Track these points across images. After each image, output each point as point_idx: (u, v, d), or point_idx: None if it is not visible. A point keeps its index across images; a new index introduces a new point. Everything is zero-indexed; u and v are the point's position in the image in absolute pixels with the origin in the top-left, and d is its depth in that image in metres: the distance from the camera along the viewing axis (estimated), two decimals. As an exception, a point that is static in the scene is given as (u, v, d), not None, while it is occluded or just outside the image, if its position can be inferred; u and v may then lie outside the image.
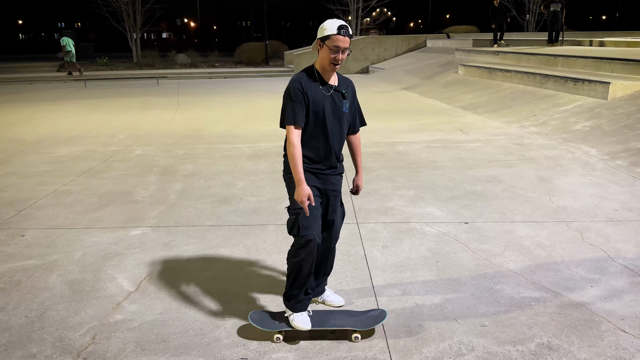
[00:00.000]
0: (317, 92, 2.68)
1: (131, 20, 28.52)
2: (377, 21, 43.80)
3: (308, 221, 2.64)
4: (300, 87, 2.64)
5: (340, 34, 2.58)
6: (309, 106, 2.66)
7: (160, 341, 2.73)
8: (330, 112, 2.71)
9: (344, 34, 2.59)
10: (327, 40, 2.60)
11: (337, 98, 2.73)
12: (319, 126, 2.71)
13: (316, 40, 2.67)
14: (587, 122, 7.88)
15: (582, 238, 3.99)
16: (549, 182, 5.43)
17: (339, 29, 2.58)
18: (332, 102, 2.72)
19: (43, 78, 20.82)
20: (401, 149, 7.21)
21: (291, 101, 2.64)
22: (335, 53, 2.60)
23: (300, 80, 2.66)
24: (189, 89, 16.59)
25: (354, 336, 2.72)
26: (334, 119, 2.73)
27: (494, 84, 12.21)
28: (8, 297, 3.21)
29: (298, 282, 2.74)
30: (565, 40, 15.99)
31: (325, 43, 2.61)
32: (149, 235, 4.20)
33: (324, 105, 2.69)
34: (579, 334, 2.72)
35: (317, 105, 2.67)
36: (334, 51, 2.60)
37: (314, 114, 2.68)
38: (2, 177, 6.05)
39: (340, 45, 2.59)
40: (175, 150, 7.38)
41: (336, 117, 2.74)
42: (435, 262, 3.62)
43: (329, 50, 2.60)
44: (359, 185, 3.01)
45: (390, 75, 18.85)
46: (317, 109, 2.67)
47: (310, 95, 2.65)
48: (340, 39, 2.59)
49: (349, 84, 2.83)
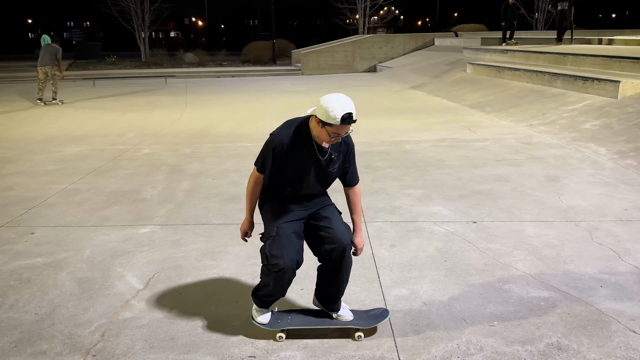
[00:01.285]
0: (302, 154, 2.50)
1: (139, 19, 28.64)
2: (385, 19, 43.71)
3: (280, 250, 2.49)
4: (282, 149, 2.46)
5: (344, 123, 2.33)
6: (288, 162, 2.49)
7: (168, 339, 2.74)
8: (313, 172, 2.55)
9: (347, 123, 2.33)
10: (328, 125, 2.36)
11: (327, 161, 2.55)
12: (298, 182, 2.55)
13: (314, 116, 2.42)
14: (597, 121, 7.82)
15: (591, 238, 3.97)
16: (557, 182, 5.40)
17: (342, 121, 2.31)
18: (319, 163, 2.54)
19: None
20: (408, 147, 7.19)
21: (266, 152, 2.50)
22: (334, 137, 2.40)
23: (285, 141, 2.46)
24: (196, 87, 16.64)
25: (357, 335, 2.71)
26: (316, 178, 2.57)
27: (502, 83, 12.15)
28: (18, 295, 3.23)
29: (261, 293, 2.69)
30: (574, 38, 15.87)
31: (326, 127, 2.37)
32: (157, 234, 4.22)
33: (308, 165, 2.52)
34: (588, 334, 2.70)
35: (299, 166, 2.51)
36: (333, 136, 2.39)
37: (292, 172, 2.52)
38: (12, 175, 6.10)
39: (342, 133, 2.38)
40: (183, 149, 7.41)
41: (320, 175, 2.57)
42: (443, 261, 3.61)
43: (327, 133, 2.38)
44: (357, 245, 2.71)
45: (398, 73, 18.81)
46: (298, 170, 2.52)
47: (292, 157, 2.48)
48: (342, 128, 2.36)
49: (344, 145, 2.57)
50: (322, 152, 2.52)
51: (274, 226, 2.56)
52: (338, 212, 2.72)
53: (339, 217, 2.69)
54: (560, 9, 14.93)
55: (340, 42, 24.03)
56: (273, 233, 2.54)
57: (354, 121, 2.36)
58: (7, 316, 2.98)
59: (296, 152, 2.49)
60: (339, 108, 2.32)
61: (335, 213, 2.70)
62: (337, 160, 2.58)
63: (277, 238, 2.53)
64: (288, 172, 2.54)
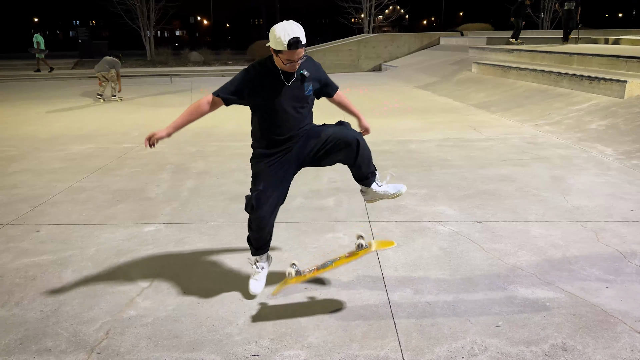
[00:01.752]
0: (274, 83, 2.69)
1: (145, 18, 28.70)
2: (390, 19, 43.64)
3: (261, 200, 2.82)
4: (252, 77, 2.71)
5: (292, 48, 2.53)
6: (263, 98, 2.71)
7: (173, 337, 2.75)
8: (289, 98, 2.74)
9: (295, 48, 2.53)
10: (279, 53, 2.58)
11: (297, 84, 2.74)
12: (278, 113, 2.75)
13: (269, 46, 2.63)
14: (603, 121, 7.78)
15: (597, 238, 3.94)
16: (563, 182, 5.37)
17: (289, 46, 2.52)
18: (293, 90, 2.73)
19: (58, 75, 21.03)
20: (413, 147, 7.18)
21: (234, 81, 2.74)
22: (289, 63, 2.60)
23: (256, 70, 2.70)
24: (201, 86, 16.66)
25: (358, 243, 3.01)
26: (294, 106, 2.76)
27: (507, 82, 12.10)
28: (23, 292, 3.25)
29: (249, 236, 3.07)
30: (580, 38, 15.80)
31: (278, 55, 2.59)
32: (162, 232, 4.23)
33: (282, 94, 2.71)
34: (594, 335, 2.69)
35: (272, 94, 2.70)
36: (288, 62, 2.59)
37: (267, 105, 2.72)
38: (17, 173, 6.13)
39: (294, 58, 2.58)
40: (187, 147, 7.42)
41: (297, 100, 2.77)
42: (448, 261, 3.60)
43: (282, 60, 2.60)
44: (366, 126, 3.10)
45: (403, 73, 18.78)
46: (272, 97, 2.71)
47: (262, 86, 2.69)
48: (292, 54, 2.55)
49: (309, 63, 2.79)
50: (288, 78, 2.70)
51: (261, 181, 2.84)
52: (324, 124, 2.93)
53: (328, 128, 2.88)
54: (567, 8, 14.87)
55: (346, 41, 24.01)
56: (260, 187, 2.83)
57: (303, 45, 2.54)
58: (12, 314, 3.00)
59: (264, 81, 2.69)
60: (284, 35, 2.50)
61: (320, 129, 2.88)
62: (309, 78, 2.76)
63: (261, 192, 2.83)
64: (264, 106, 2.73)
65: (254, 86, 2.71)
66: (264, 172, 2.88)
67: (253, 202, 2.85)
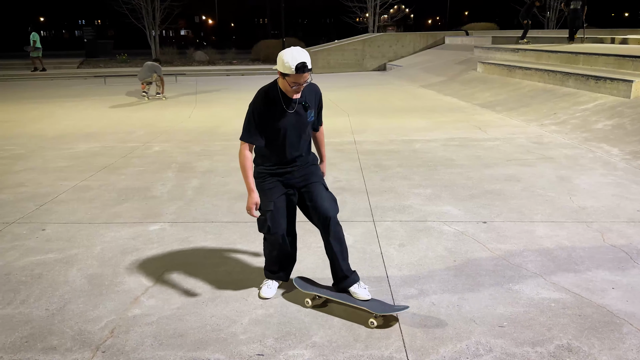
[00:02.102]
0: (278, 111, 2.82)
1: (150, 17, 28.74)
2: (395, 18, 43.55)
3: (275, 221, 2.94)
4: (261, 110, 2.80)
5: (299, 72, 2.66)
6: (269, 126, 2.82)
7: (177, 336, 2.75)
8: (292, 127, 2.86)
9: (302, 72, 2.67)
10: (287, 77, 2.71)
11: (300, 111, 2.87)
12: (282, 138, 2.87)
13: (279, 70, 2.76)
14: (609, 121, 7.74)
15: (603, 239, 3.93)
16: (569, 182, 5.35)
17: (297, 70, 2.65)
18: (296, 116, 2.86)
19: (64, 75, 21.11)
20: (418, 147, 7.16)
21: (250, 121, 2.82)
22: (295, 86, 2.73)
23: (262, 101, 2.81)
24: (206, 85, 16.69)
25: (370, 321, 2.81)
26: (295, 132, 2.88)
27: (513, 82, 12.06)
28: (29, 290, 3.26)
29: (268, 258, 3.16)
30: (586, 37, 15.72)
31: (285, 78, 2.72)
32: (167, 231, 4.23)
33: (287, 122, 2.84)
34: (599, 336, 2.68)
35: (277, 123, 2.82)
36: (294, 85, 2.72)
37: (274, 132, 2.84)
38: (23, 172, 6.15)
39: (300, 82, 2.71)
40: (193, 146, 7.43)
41: (300, 127, 2.89)
42: (453, 261, 3.59)
43: (288, 83, 2.73)
44: (323, 172, 3.15)
45: (408, 72, 18.74)
46: (277, 127, 2.83)
47: (270, 115, 2.81)
48: (299, 77, 2.69)
49: (312, 90, 2.93)
50: (290, 106, 2.83)
51: (271, 201, 2.94)
52: (325, 189, 3.02)
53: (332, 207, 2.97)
54: (573, 7, 14.79)
55: (350, 40, 23.98)
56: (270, 207, 2.93)
57: (309, 70, 2.68)
58: (18, 311, 3.01)
59: (273, 111, 2.81)
60: (292, 60, 2.65)
61: (328, 200, 2.97)
62: (310, 107, 2.90)
63: (274, 212, 2.94)
64: (269, 135, 2.84)
65: (263, 115, 2.82)
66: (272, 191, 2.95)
67: (269, 223, 2.95)
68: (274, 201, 2.94)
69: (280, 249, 3.09)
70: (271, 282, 3.20)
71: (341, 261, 2.98)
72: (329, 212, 2.92)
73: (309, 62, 2.70)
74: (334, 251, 2.97)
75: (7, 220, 4.51)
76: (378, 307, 2.87)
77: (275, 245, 3.07)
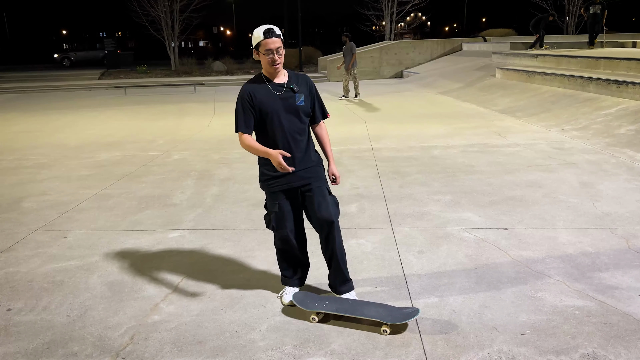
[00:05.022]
0: (266, 94, 2.85)
1: (169, 28, 29.19)
2: (412, 25, 43.51)
3: (281, 222, 2.99)
4: (247, 95, 2.84)
5: (267, 37, 2.74)
6: (259, 110, 2.84)
7: (196, 342, 2.75)
8: (282, 110, 2.85)
9: (270, 37, 2.74)
10: (259, 47, 2.78)
11: (289, 94, 2.88)
12: (274, 124, 2.86)
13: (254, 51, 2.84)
14: (632, 125, 7.59)
15: (628, 245, 3.83)
16: (591, 188, 5.25)
17: (264, 34, 2.74)
18: (284, 101, 2.86)
19: (86, 86, 21.52)
20: (436, 153, 7.11)
21: (241, 109, 2.84)
22: (269, 55, 2.77)
23: (248, 88, 2.86)
24: (225, 95, 16.84)
25: (383, 329, 2.78)
26: (287, 115, 2.87)
27: (532, 87, 11.93)
28: (51, 297, 3.30)
29: (280, 261, 3.18)
30: (606, 42, 15.50)
31: (259, 50, 2.79)
32: (186, 238, 4.26)
33: (275, 105, 2.84)
34: (626, 345, 2.60)
35: (267, 106, 2.84)
36: (268, 54, 2.77)
37: (265, 115, 2.85)
38: (46, 180, 6.26)
39: (271, 46, 2.76)
40: (212, 155, 7.49)
41: (290, 112, 2.87)
42: (474, 268, 3.54)
43: (263, 55, 2.79)
44: (335, 173, 3.06)
45: (425, 79, 18.67)
46: (267, 110, 2.84)
47: (258, 99, 2.83)
48: (268, 42, 2.75)
49: (301, 78, 2.97)
50: (277, 89, 2.86)
51: (275, 202, 2.96)
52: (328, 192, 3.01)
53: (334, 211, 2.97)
54: (592, 12, 14.63)
55: (367, 48, 24.01)
56: (275, 209, 2.97)
57: (278, 35, 2.77)
58: (40, 318, 3.05)
59: (261, 95, 2.84)
60: (259, 30, 2.77)
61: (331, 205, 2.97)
62: (300, 91, 2.90)
63: (279, 214, 2.97)
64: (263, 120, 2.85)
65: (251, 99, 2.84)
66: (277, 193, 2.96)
67: (273, 223, 3.02)
68: (279, 203, 2.96)
69: (289, 246, 3.07)
70: (289, 288, 3.18)
71: (342, 266, 3.05)
72: (330, 216, 2.92)
73: (277, 30, 2.79)
74: (335, 256, 3.00)
75: (30, 228, 4.58)
76: (387, 315, 2.81)
77: (284, 242, 3.05)
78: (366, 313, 2.85)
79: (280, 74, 2.89)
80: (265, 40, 2.74)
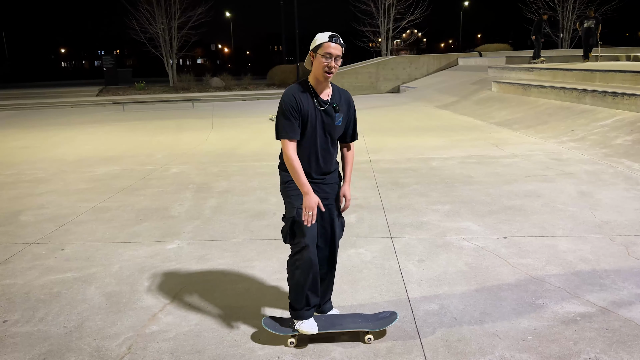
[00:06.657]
0: (310, 106, 2.71)
1: (167, 45, 29.39)
2: (408, 41, 43.90)
3: (299, 229, 2.69)
4: (294, 101, 2.67)
5: (332, 41, 2.63)
6: (301, 119, 2.70)
7: (195, 352, 2.72)
8: (321, 126, 2.74)
9: (335, 42, 2.64)
10: (319, 49, 2.64)
11: (330, 112, 2.75)
12: (309, 138, 2.74)
13: (309, 53, 2.71)
14: (628, 136, 7.63)
15: (627, 252, 3.83)
16: (590, 197, 5.25)
17: (330, 38, 2.64)
18: (325, 116, 2.74)
19: (84, 102, 21.58)
20: (435, 164, 7.12)
21: (285, 116, 2.67)
22: (327, 60, 2.63)
23: (294, 94, 2.69)
24: (222, 110, 16.90)
25: (367, 337, 2.76)
26: (324, 132, 2.76)
27: (529, 100, 12.00)
28: (48, 308, 3.27)
29: (297, 290, 2.77)
30: (601, 55, 15.65)
31: (317, 52, 2.65)
32: (185, 249, 4.23)
33: (316, 119, 2.72)
34: (628, 350, 2.58)
35: (309, 118, 2.70)
36: (326, 58, 2.62)
37: (304, 126, 2.72)
38: (44, 194, 6.24)
39: (332, 52, 2.63)
40: (210, 168, 7.49)
41: (327, 130, 2.76)
42: (474, 276, 3.52)
43: (321, 59, 2.63)
44: (346, 195, 2.92)
45: (422, 93, 18.78)
46: (309, 122, 2.71)
47: (305, 109, 2.69)
48: (331, 46, 2.63)
49: (344, 95, 2.84)
50: (321, 103, 2.73)
51: (294, 208, 2.73)
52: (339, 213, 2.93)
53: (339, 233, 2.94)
54: (587, 26, 14.80)
55: (364, 63, 24.20)
56: (294, 214, 2.72)
57: (342, 44, 2.66)
58: (37, 329, 3.01)
59: (305, 105, 2.69)
60: (324, 33, 2.66)
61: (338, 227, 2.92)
62: (340, 110, 2.78)
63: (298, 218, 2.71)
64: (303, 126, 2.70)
65: (297, 103, 2.68)
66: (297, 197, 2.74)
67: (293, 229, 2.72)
68: (298, 208, 2.71)
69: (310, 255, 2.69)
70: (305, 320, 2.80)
71: (332, 285, 3.02)
72: (335, 238, 2.91)
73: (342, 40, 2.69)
74: (331, 275, 2.99)
75: (28, 241, 4.56)
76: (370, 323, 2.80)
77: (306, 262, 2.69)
78: (345, 325, 2.79)
79: (326, 87, 2.75)
80: (329, 42, 2.63)
